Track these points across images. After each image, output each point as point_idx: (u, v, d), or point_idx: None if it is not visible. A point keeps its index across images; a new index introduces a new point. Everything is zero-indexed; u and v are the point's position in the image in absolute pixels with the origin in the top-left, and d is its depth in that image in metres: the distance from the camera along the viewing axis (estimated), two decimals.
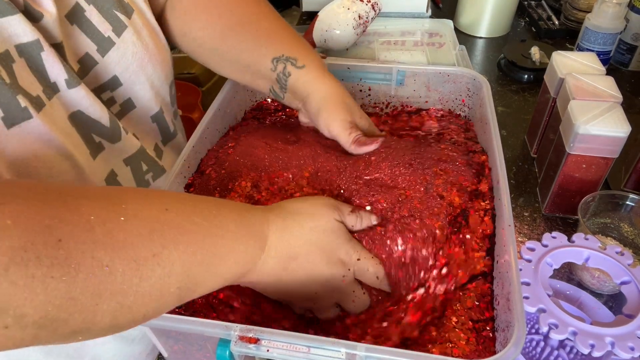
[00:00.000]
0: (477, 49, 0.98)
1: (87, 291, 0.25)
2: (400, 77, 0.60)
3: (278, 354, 0.32)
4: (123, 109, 0.48)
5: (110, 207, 0.27)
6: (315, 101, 0.49)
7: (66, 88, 0.39)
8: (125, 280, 0.26)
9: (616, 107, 0.56)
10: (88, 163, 0.43)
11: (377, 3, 0.82)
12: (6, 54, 0.35)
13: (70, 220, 0.25)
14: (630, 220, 0.57)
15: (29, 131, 0.36)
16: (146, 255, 0.27)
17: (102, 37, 0.43)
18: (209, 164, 0.51)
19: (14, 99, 0.35)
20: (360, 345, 0.32)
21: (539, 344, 0.49)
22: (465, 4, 0.99)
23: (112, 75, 0.45)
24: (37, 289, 0.23)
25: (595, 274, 0.52)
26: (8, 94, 0.34)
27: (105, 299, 0.25)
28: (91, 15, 0.42)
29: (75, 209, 0.26)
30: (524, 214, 0.63)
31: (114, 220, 0.27)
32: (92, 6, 0.42)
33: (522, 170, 0.70)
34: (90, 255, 0.25)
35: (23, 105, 0.35)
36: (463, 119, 0.61)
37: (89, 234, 0.25)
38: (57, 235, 0.24)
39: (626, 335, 0.40)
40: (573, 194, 0.59)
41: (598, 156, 0.56)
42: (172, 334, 0.38)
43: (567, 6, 0.97)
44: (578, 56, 0.65)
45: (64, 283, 0.24)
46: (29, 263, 0.23)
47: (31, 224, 0.23)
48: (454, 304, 0.40)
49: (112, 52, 0.44)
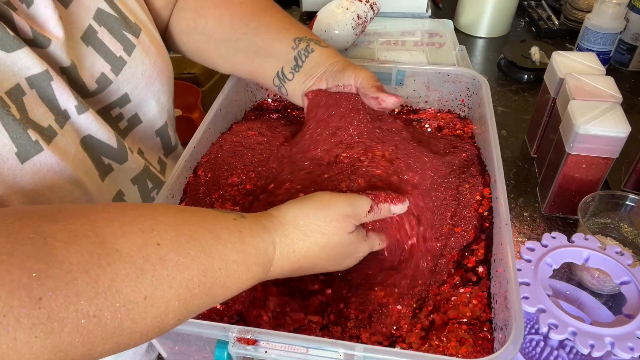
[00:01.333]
0: (477, 49, 0.98)
1: (76, 342, 0.24)
2: (400, 77, 0.60)
3: (276, 355, 0.32)
4: (130, 124, 0.49)
5: (92, 249, 0.25)
6: (340, 64, 0.50)
7: (76, 114, 0.40)
8: (117, 325, 0.25)
9: (616, 107, 0.56)
10: (97, 186, 0.43)
11: (375, 3, 0.82)
12: (17, 88, 0.35)
13: (51, 274, 0.23)
14: (630, 220, 0.57)
15: (42, 164, 0.37)
16: (137, 299, 0.26)
17: (114, 57, 0.44)
18: (202, 162, 0.51)
19: (25, 134, 0.35)
20: (358, 346, 0.32)
21: (539, 344, 0.49)
22: (465, 4, 0.99)
23: (123, 93, 0.46)
24: (21, 350, 0.22)
25: (595, 274, 0.52)
26: (19, 129, 0.35)
27: (99, 344, 0.25)
28: (103, 36, 0.43)
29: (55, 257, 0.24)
30: (523, 214, 0.63)
31: (97, 267, 0.25)
32: (103, 27, 0.43)
33: (522, 170, 0.70)
34: (74, 309, 0.23)
35: (34, 139, 0.36)
36: (462, 119, 0.61)
37: (71, 287, 0.24)
38: (37, 293, 0.23)
39: (626, 336, 0.40)
40: (573, 194, 0.59)
41: (598, 156, 0.56)
42: (171, 335, 0.38)
43: (567, 6, 0.97)
44: (578, 56, 0.64)
45: (50, 340, 0.23)
46: (8, 327, 0.22)
47: (8, 284, 0.22)
48: (451, 304, 0.40)
49: (124, 71, 0.45)
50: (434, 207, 0.46)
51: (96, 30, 0.43)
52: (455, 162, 0.51)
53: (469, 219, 0.45)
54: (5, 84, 0.35)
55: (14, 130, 0.34)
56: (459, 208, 0.46)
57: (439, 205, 0.46)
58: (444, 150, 0.53)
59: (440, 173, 0.48)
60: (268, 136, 0.54)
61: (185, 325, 0.34)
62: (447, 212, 0.46)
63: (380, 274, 0.43)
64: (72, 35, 0.40)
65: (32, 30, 0.37)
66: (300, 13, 1.04)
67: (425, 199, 0.45)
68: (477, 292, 0.40)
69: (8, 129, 0.34)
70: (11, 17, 0.35)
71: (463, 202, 0.47)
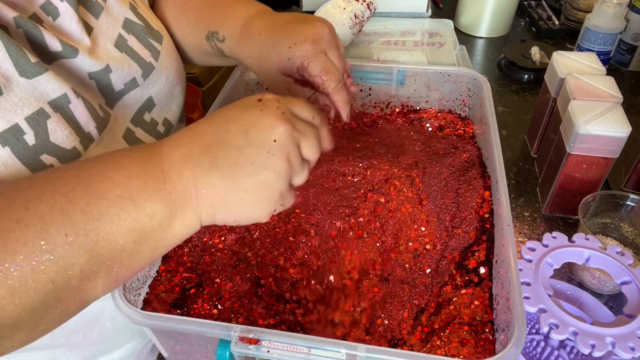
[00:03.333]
0: (477, 49, 0.98)
1: None
2: (401, 77, 0.60)
3: (278, 354, 0.32)
4: (167, 128, 0.50)
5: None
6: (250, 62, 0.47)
7: (97, 134, 0.40)
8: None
9: (616, 107, 0.56)
10: None
11: (372, 2, 0.82)
12: (41, 112, 0.35)
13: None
14: (631, 220, 0.57)
15: None
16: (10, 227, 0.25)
17: (145, 63, 0.45)
18: None
19: (38, 160, 0.35)
20: (360, 346, 0.32)
21: (540, 344, 0.49)
22: (466, 4, 0.99)
23: (148, 96, 0.47)
24: None
25: (596, 274, 0.52)
26: (30, 156, 0.35)
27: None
28: (132, 43, 0.44)
29: None
30: (524, 214, 0.63)
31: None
32: (131, 35, 0.45)
33: (522, 170, 0.70)
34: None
35: (48, 163, 0.36)
36: (463, 119, 0.61)
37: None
38: None
39: (627, 335, 0.40)
40: (573, 194, 0.59)
41: (598, 156, 0.56)
42: (173, 334, 0.38)
43: (567, 6, 0.97)
44: (578, 56, 0.65)
45: None
46: None
47: None
48: (453, 305, 0.40)
49: (152, 76, 0.46)
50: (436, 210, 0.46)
51: (126, 38, 0.44)
52: (456, 164, 0.51)
53: (470, 221, 0.45)
54: (26, 110, 0.34)
55: (25, 157, 0.34)
56: (460, 209, 0.46)
57: (440, 207, 0.46)
58: (445, 150, 0.53)
59: (442, 175, 0.48)
60: None
61: (187, 324, 0.34)
62: (447, 214, 0.46)
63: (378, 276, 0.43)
64: (105, 43, 0.42)
65: (61, 42, 0.37)
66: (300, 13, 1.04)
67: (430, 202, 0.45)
68: (478, 293, 0.40)
69: (19, 157, 0.34)
70: (39, 32, 0.36)
71: (464, 203, 0.47)
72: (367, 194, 0.47)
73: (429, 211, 0.46)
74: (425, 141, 0.55)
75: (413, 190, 0.47)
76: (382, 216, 0.46)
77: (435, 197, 0.47)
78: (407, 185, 0.47)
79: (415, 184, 0.48)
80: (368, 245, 0.44)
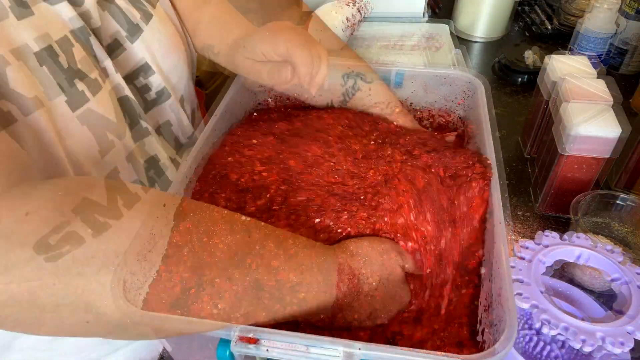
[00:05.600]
0: (473, 52, 0.99)
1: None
2: (399, 79, 0.61)
3: (277, 353, 0.32)
4: (158, 97, 0.50)
5: None
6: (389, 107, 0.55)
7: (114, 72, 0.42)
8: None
9: (607, 109, 0.57)
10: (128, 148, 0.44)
11: (362, 7, 0.85)
12: (65, 39, 0.37)
13: None
14: (621, 218, 0.58)
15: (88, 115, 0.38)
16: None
17: (131, 24, 0.45)
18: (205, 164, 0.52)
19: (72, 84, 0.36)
20: (358, 344, 0.32)
21: (533, 339, 0.50)
22: (462, 7, 1.00)
23: (143, 62, 0.47)
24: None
25: (587, 271, 0.53)
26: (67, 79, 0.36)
27: None
28: (120, 2, 0.44)
29: None
30: (518, 213, 0.64)
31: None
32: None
33: (516, 170, 0.71)
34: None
35: (80, 89, 0.37)
36: (460, 120, 0.62)
37: None
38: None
39: (616, 331, 0.41)
40: (566, 194, 0.61)
41: (590, 157, 0.57)
42: None
43: (560, 11, 0.99)
44: (571, 59, 0.66)
45: None
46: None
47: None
48: (453, 306, 0.41)
49: (141, 39, 0.46)
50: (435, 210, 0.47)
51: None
52: (453, 164, 0.52)
53: (468, 221, 0.46)
54: (54, 35, 0.36)
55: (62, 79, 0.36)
56: (460, 210, 0.47)
57: (439, 207, 0.47)
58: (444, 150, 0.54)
59: (441, 175, 0.49)
60: (270, 137, 0.55)
61: (187, 324, 0.35)
62: (445, 214, 0.47)
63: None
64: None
65: None
66: None
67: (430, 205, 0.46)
68: (477, 292, 0.41)
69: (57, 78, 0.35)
70: None
71: (463, 203, 0.47)
72: (366, 195, 0.48)
73: (428, 211, 0.47)
74: (423, 142, 0.56)
75: (412, 190, 0.48)
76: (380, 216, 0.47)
77: (435, 198, 0.48)
78: (406, 186, 0.48)
79: (414, 184, 0.49)
80: None
